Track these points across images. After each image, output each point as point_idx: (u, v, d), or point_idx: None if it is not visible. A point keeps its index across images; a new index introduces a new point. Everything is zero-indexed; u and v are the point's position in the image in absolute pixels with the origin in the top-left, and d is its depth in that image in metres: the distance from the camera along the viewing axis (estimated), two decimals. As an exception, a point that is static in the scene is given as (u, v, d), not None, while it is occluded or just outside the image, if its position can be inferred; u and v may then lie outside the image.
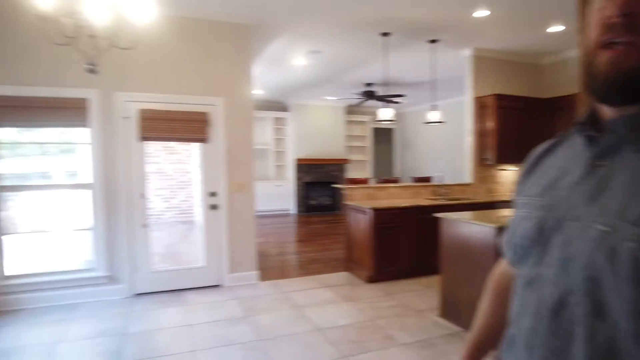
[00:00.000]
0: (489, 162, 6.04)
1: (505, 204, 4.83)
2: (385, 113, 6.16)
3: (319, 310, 3.93)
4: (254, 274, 4.81)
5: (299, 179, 10.83)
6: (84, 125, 4.19)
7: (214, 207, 4.65)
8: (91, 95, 4.15)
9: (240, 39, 4.64)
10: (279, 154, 10.97)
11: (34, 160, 4.90)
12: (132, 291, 4.38)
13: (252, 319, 3.72)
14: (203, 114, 4.51)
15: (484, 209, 4.42)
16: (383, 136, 12.48)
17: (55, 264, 4.42)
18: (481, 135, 6.08)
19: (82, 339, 3.37)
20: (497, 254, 0.93)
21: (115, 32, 2.40)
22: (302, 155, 10.78)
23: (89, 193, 4.27)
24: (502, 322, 0.81)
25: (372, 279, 4.71)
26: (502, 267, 0.91)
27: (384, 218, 4.71)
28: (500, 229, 3.02)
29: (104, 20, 2.33)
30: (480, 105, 6.06)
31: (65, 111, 4.11)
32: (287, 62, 6.64)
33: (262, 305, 4.07)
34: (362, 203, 5.02)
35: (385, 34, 5.25)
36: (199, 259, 4.76)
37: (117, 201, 4.30)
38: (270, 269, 5.35)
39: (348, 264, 5.27)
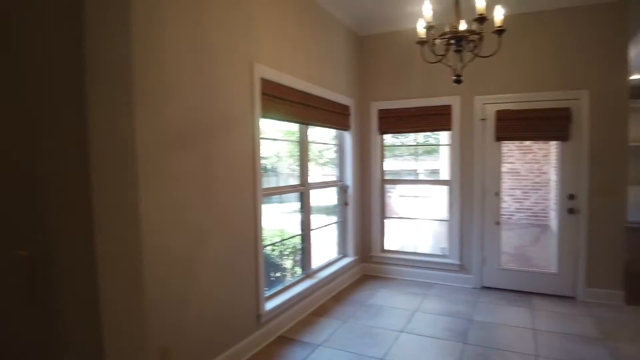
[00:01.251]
0: None
1: None
2: None
3: None
4: (618, 293, 4.11)
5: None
6: (446, 129, 4.75)
7: (571, 211, 4.27)
8: (454, 101, 4.66)
9: (609, 20, 4.00)
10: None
11: (404, 160, 5.93)
12: (479, 283, 4.65)
13: (610, 344, 3.24)
14: (563, 109, 4.21)
15: None
16: None
17: (418, 246, 5.24)
18: None
19: (433, 313, 3.90)
20: None
21: (477, 44, 2.66)
22: None
23: (445, 188, 4.83)
24: None
25: None
26: None
27: None
28: None
29: (468, 36, 2.63)
30: None
31: (433, 117, 4.78)
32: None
33: (626, 332, 3.46)
34: None
35: None
36: (551, 265, 4.50)
37: (472, 197, 4.64)
38: (644, 293, 4.41)
39: None
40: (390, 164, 5.67)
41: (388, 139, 5.28)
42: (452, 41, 2.68)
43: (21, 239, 1.03)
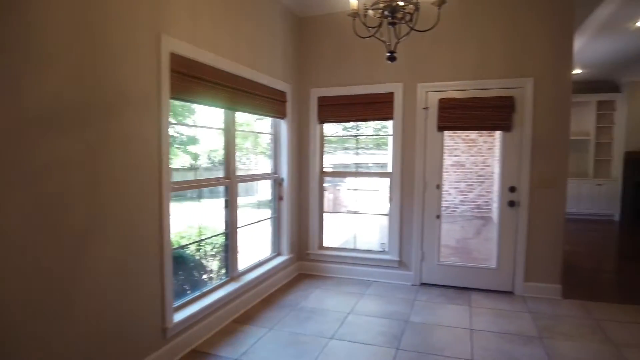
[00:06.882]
0: None
1: None
2: None
3: (651, 357, 2.91)
4: (555, 287, 4.04)
5: (628, 177, 8.56)
6: (388, 118, 4.48)
7: (511, 203, 4.15)
8: (396, 89, 4.39)
9: (558, 6, 3.87)
10: (602, 145, 8.95)
11: (355, 154, 5.65)
12: (418, 280, 4.45)
13: (548, 342, 3.11)
14: (507, 98, 4.05)
15: None
16: None
17: (360, 242, 4.99)
18: None
19: (368, 315, 3.64)
20: None
21: (413, 15, 2.36)
22: (636, 148, 8.45)
23: (387, 181, 4.58)
24: None
25: None
26: None
27: None
28: None
29: (404, 6, 2.32)
30: None
31: (375, 106, 4.49)
32: (624, 26, 5.18)
33: (563, 328, 3.36)
34: None
35: None
36: (491, 259, 4.38)
37: (413, 190, 4.42)
38: (579, 286, 4.39)
39: None
40: (339, 158, 5.44)
41: (338, 131, 4.97)
42: (386, 12, 2.35)
43: None
